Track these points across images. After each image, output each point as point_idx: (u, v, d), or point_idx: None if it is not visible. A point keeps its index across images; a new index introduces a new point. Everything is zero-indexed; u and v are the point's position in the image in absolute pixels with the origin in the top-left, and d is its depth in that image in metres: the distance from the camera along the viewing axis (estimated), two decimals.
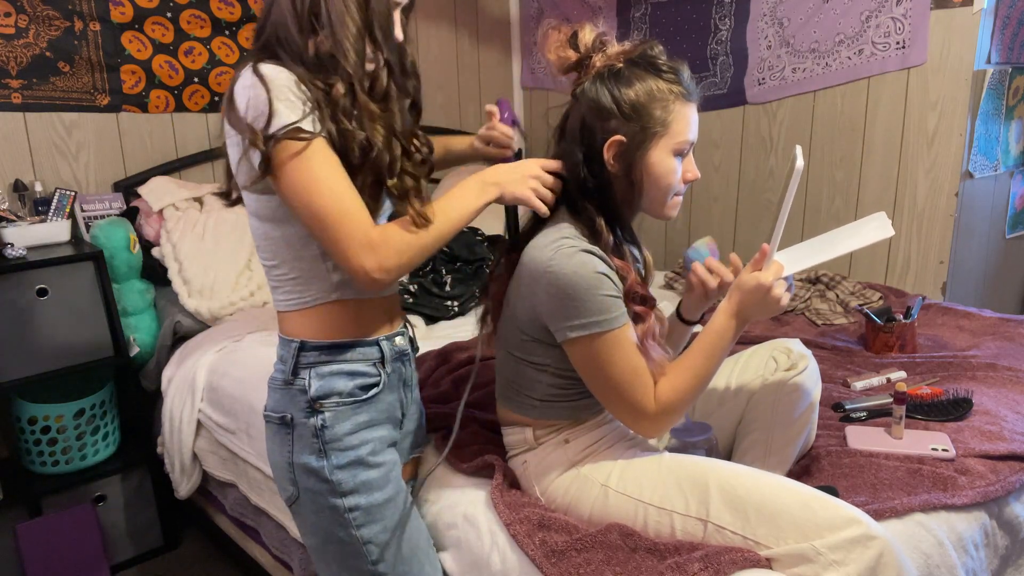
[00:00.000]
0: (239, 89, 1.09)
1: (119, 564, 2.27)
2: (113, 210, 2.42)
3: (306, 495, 1.19)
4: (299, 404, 1.18)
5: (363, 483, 1.19)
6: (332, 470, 1.17)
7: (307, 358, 1.19)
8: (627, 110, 1.19)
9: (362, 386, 1.21)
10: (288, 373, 1.19)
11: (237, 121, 1.09)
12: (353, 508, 1.18)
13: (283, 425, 1.20)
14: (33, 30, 2.28)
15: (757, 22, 2.72)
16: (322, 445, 1.17)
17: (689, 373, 1.21)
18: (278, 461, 1.22)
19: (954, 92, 2.29)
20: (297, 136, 1.06)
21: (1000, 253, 2.67)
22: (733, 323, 1.22)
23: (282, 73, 1.09)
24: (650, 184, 1.23)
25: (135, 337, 2.29)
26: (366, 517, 1.19)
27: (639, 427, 1.24)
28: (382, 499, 1.20)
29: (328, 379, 1.19)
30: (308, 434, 1.18)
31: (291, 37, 1.13)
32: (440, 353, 1.96)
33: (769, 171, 2.79)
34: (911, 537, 1.22)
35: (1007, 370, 1.81)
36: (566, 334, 1.19)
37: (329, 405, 1.18)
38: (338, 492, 1.18)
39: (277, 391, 1.21)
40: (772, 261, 1.20)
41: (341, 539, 1.19)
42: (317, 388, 1.18)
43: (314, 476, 1.18)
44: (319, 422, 1.17)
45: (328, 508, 1.18)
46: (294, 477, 1.20)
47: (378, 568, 1.21)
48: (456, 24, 3.33)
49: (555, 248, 1.18)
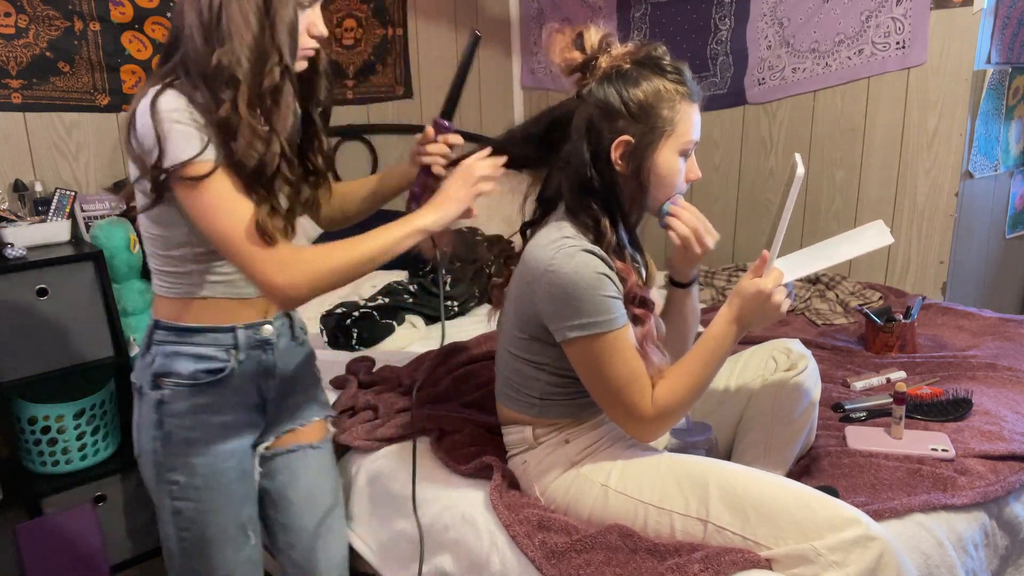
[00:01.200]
0: (138, 114, 1.11)
1: (119, 564, 2.26)
2: (113, 210, 2.42)
3: (143, 456, 1.29)
4: (147, 377, 1.26)
5: (186, 463, 1.26)
6: (164, 442, 1.25)
7: (158, 336, 1.26)
8: (635, 110, 1.20)
9: (207, 370, 1.25)
10: (143, 347, 1.28)
11: (130, 146, 1.12)
12: (173, 482, 1.27)
13: (137, 392, 1.28)
14: (33, 30, 2.28)
15: (757, 22, 2.72)
16: (160, 418, 1.25)
17: (687, 378, 1.22)
18: (135, 422, 1.30)
19: (954, 92, 2.29)
20: (189, 172, 1.09)
21: (1000, 253, 2.67)
22: (733, 329, 1.22)
23: (179, 101, 1.10)
24: (656, 183, 1.24)
25: (135, 337, 2.29)
26: (181, 492, 1.27)
27: (635, 430, 1.25)
28: (201, 483, 1.27)
29: (171, 359, 1.24)
30: (150, 405, 1.25)
31: (197, 50, 1.13)
32: (440, 353, 1.96)
33: (769, 171, 2.79)
34: (911, 537, 1.22)
35: (1007, 370, 1.81)
36: (565, 334, 1.19)
37: (168, 384, 1.24)
38: (163, 464, 1.26)
39: (139, 360, 1.30)
40: (772, 268, 1.20)
41: (159, 503, 1.30)
42: (159, 365, 1.24)
43: (149, 443, 1.27)
44: (159, 396, 1.24)
45: (155, 474, 1.28)
46: (139, 437, 1.29)
47: (183, 535, 1.30)
48: (456, 24, 3.33)
49: (556, 247, 1.18)
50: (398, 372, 1.87)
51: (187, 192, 1.11)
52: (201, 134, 1.10)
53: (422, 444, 1.55)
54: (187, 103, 1.11)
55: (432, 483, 1.43)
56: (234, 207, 1.11)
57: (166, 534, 1.32)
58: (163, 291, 1.26)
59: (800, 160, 1.19)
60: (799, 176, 1.16)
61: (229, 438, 1.29)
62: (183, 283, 1.23)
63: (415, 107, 3.26)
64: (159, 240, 1.22)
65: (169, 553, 1.33)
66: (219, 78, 1.11)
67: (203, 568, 1.32)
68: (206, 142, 1.10)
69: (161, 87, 1.11)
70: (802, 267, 1.26)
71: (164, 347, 1.24)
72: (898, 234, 2.49)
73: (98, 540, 2.14)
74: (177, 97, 1.11)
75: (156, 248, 1.23)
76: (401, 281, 2.45)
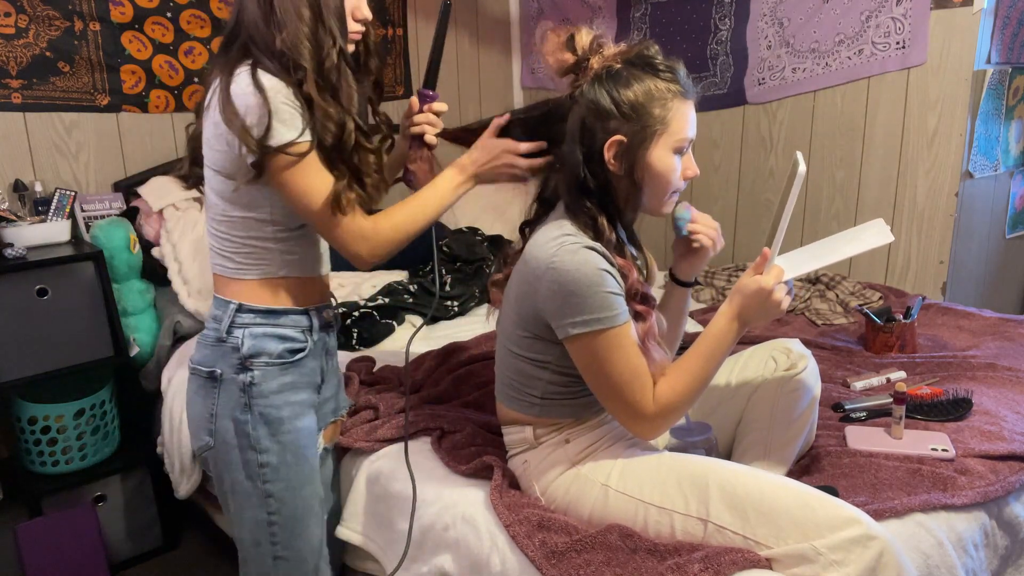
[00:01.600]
0: (237, 92, 1.17)
1: (119, 564, 2.26)
2: (113, 210, 2.42)
3: (222, 446, 1.30)
4: (230, 360, 1.28)
5: (278, 442, 1.30)
6: (255, 424, 1.28)
7: (242, 319, 1.29)
8: (627, 110, 1.20)
9: (290, 350, 1.31)
10: (222, 331, 1.28)
11: (232, 122, 1.16)
12: (264, 464, 1.30)
13: (210, 379, 1.29)
14: (33, 30, 2.28)
15: (757, 22, 2.72)
16: (248, 400, 1.28)
17: (689, 375, 1.22)
18: (199, 412, 1.32)
19: (954, 92, 2.29)
20: (293, 152, 1.17)
21: (1000, 253, 2.67)
22: (734, 326, 1.22)
23: (275, 81, 1.17)
24: (651, 182, 1.24)
25: (135, 337, 2.29)
26: (274, 474, 1.31)
27: (636, 427, 1.25)
28: (291, 460, 1.32)
29: (260, 339, 1.29)
30: (235, 389, 1.28)
31: (262, 35, 1.20)
32: (440, 353, 1.96)
33: (769, 171, 2.79)
34: (911, 537, 1.22)
35: (1007, 370, 1.81)
36: (568, 331, 1.19)
37: (259, 364, 1.28)
38: (254, 447, 1.29)
39: (207, 347, 1.31)
40: (773, 265, 1.21)
41: (247, 490, 1.31)
42: (249, 347, 1.28)
43: (234, 429, 1.29)
44: (248, 379, 1.27)
45: (242, 460, 1.30)
46: (213, 428, 1.30)
47: (272, 519, 1.33)
48: (456, 24, 3.33)
49: (558, 244, 1.19)
50: (398, 372, 1.87)
51: (286, 169, 1.18)
52: (301, 113, 1.18)
53: (423, 444, 1.55)
54: (283, 84, 1.17)
55: (432, 483, 1.43)
56: (324, 185, 1.20)
57: (253, 522, 1.33)
58: (237, 274, 1.30)
59: (801, 158, 1.20)
60: (800, 174, 1.16)
61: (306, 415, 1.35)
62: (264, 263, 1.29)
63: None
64: (241, 223, 1.27)
65: (254, 543, 1.35)
66: (285, 62, 1.19)
67: (293, 548, 1.35)
68: (307, 121, 1.19)
69: (252, 67, 1.18)
70: (803, 265, 1.26)
71: (252, 328, 1.29)
72: (898, 234, 2.49)
73: (98, 540, 2.14)
74: (272, 77, 1.17)
75: (236, 232, 1.27)
76: (401, 281, 2.45)
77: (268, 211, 1.26)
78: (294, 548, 1.35)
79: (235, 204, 1.26)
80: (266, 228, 1.28)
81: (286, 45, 1.18)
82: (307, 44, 1.19)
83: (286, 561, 1.36)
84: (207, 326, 1.33)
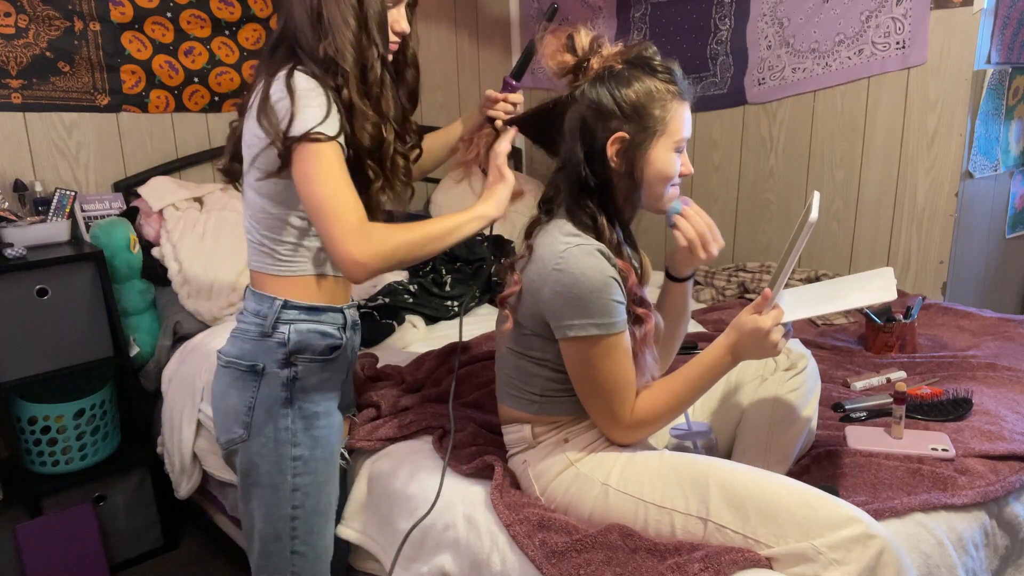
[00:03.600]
0: (275, 91, 1.23)
1: (119, 564, 2.26)
2: (113, 210, 2.42)
3: (256, 439, 1.32)
4: (275, 355, 1.31)
5: (311, 437, 1.34)
6: (295, 419, 1.32)
7: (288, 315, 1.32)
8: (628, 110, 1.21)
9: (331, 346, 1.36)
10: (267, 327, 1.31)
11: (268, 121, 1.22)
12: (297, 457, 1.33)
13: (251, 372, 1.31)
14: (33, 30, 2.28)
15: (757, 22, 2.72)
16: (290, 395, 1.31)
17: (671, 396, 1.25)
18: (234, 404, 1.33)
19: (954, 92, 2.29)
20: (313, 137, 1.19)
21: (1000, 253, 2.67)
22: (727, 359, 1.24)
23: (310, 83, 1.23)
24: (651, 180, 1.25)
25: (135, 337, 2.29)
26: (304, 467, 1.33)
27: (610, 433, 1.28)
28: (321, 455, 1.35)
29: (306, 336, 1.33)
30: (277, 383, 1.31)
31: (309, 41, 1.26)
32: (440, 353, 1.96)
33: (769, 171, 2.79)
34: (911, 537, 1.22)
35: (1007, 370, 1.81)
36: (565, 332, 1.20)
37: (303, 359, 1.32)
38: (290, 441, 1.32)
39: (249, 341, 1.33)
40: (773, 306, 1.21)
41: (275, 484, 1.33)
42: (295, 343, 1.31)
43: (272, 423, 1.31)
44: (291, 373, 1.31)
45: (274, 453, 1.32)
46: (249, 421, 1.31)
47: (295, 514, 1.35)
48: (456, 24, 3.33)
49: (565, 245, 1.20)
50: (400, 371, 1.88)
51: (302, 155, 1.20)
52: (330, 107, 1.22)
53: (423, 444, 1.55)
54: (317, 84, 1.23)
55: (433, 482, 1.43)
56: (335, 179, 1.20)
57: (276, 516, 1.35)
58: (278, 271, 1.33)
59: (817, 203, 1.19)
60: (811, 222, 1.16)
61: (336, 412, 1.41)
62: (304, 260, 1.33)
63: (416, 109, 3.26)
64: (279, 221, 1.31)
65: (274, 537, 1.36)
66: (328, 67, 1.24)
67: (310, 543, 1.38)
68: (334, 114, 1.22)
69: (290, 70, 1.23)
70: (803, 309, 1.27)
71: (297, 325, 1.32)
72: (898, 234, 2.49)
73: (98, 540, 2.14)
74: (308, 79, 1.23)
75: (275, 229, 1.31)
76: (401, 281, 2.45)
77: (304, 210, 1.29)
78: (311, 544, 1.38)
79: (273, 200, 1.30)
80: (304, 224, 1.31)
81: (331, 51, 1.23)
82: (351, 50, 1.24)
83: (303, 556, 1.38)
84: (245, 320, 1.35)
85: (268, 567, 1.40)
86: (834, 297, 1.30)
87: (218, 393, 1.37)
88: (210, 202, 2.49)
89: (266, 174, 1.26)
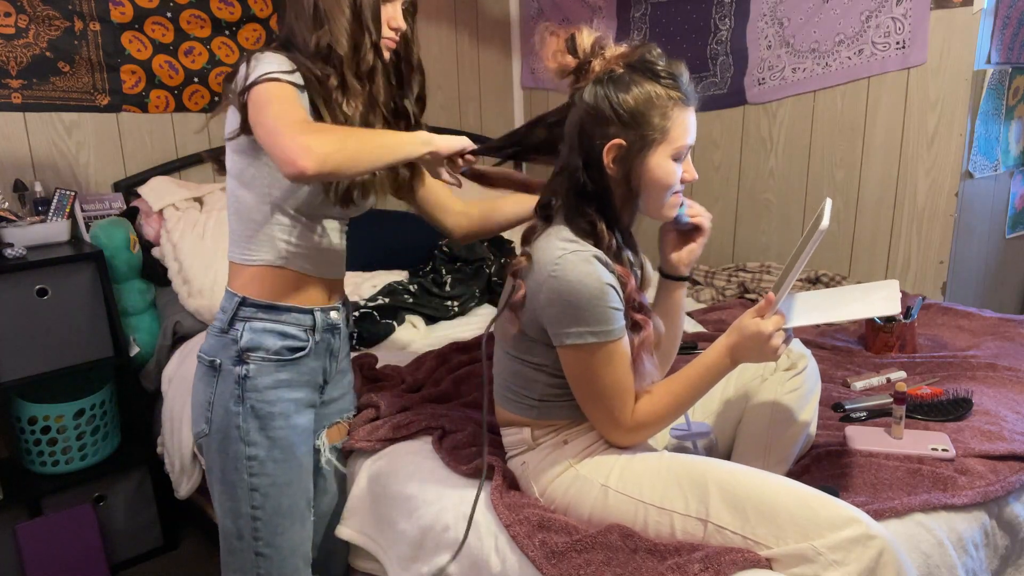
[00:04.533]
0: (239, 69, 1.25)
1: (119, 564, 2.26)
2: (113, 210, 2.42)
3: (216, 434, 1.33)
4: (229, 352, 1.32)
5: (267, 437, 1.33)
6: (245, 417, 1.31)
7: (245, 312, 1.33)
8: (626, 118, 1.19)
9: (290, 348, 1.35)
10: (225, 323, 1.33)
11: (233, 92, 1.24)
12: (252, 457, 1.32)
13: (211, 368, 1.33)
14: (33, 30, 2.28)
15: (757, 22, 2.72)
16: (241, 393, 1.31)
17: (671, 398, 1.25)
18: (200, 399, 1.36)
19: (954, 92, 2.29)
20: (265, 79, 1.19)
21: (1000, 253, 2.67)
22: (727, 362, 1.24)
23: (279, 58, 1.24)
24: (649, 187, 1.24)
25: (135, 337, 2.29)
26: (260, 468, 1.33)
27: (610, 435, 1.28)
28: (279, 456, 1.34)
29: (260, 334, 1.32)
30: (231, 380, 1.31)
31: (302, 33, 1.29)
32: (440, 353, 1.96)
33: (769, 171, 2.79)
34: (911, 537, 1.22)
35: (1007, 370, 1.81)
36: (563, 340, 1.20)
37: (255, 358, 1.32)
38: (243, 439, 1.32)
39: (212, 337, 1.35)
40: (776, 311, 1.21)
41: (233, 481, 1.34)
42: (247, 341, 1.31)
43: (227, 419, 1.32)
44: (243, 371, 1.31)
45: (231, 451, 1.32)
46: (210, 416, 1.33)
47: (255, 514, 1.35)
48: (456, 24, 3.33)
49: (562, 251, 1.19)
50: (400, 371, 1.87)
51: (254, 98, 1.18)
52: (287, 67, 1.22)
53: (423, 444, 1.55)
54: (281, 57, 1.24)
55: (432, 483, 1.43)
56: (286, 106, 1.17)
57: (236, 514, 1.36)
58: (242, 259, 1.34)
59: (828, 211, 1.18)
60: (822, 229, 1.15)
61: (301, 413, 1.38)
62: (264, 250, 1.33)
63: None
64: (244, 203, 1.32)
65: (237, 535, 1.37)
66: (320, 56, 1.27)
67: (274, 545, 1.37)
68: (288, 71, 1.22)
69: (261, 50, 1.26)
70: (805, 316, 1.26)
71: (252, 323, 1.32)
72: (898, 234, 2.49)
73: (98, 540, 2.14)
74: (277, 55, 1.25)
75: (241, 214, 1.33)
76: (401, 281, 2.45)
77: (267, 190, 1.30)
78: (275, 546, 1.37)
79: (239, 182, 1.32)
80: (264, 209, 1.32)
81: (325, 40, 1.26)
82: (346, 36, 1.27)
83: (266, 558, 1.38)
84: (216, 317, 1.37)
85: (233, 564, 1.41)
86: (837, 306, 1.30)
87: (193, 387, 1.40)
88: (210, 202, 2.49)
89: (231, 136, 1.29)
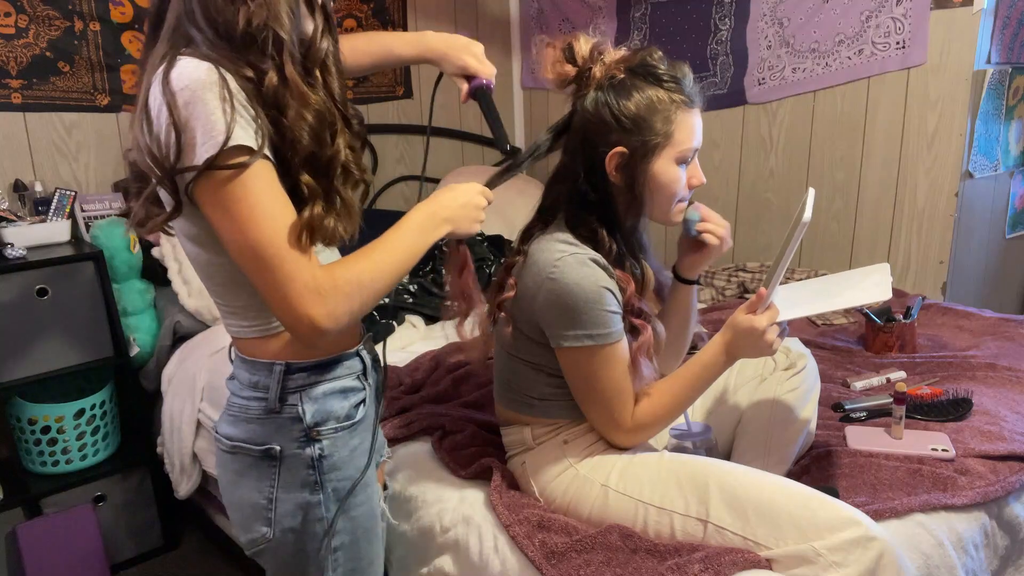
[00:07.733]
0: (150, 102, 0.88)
1: (119, 564, 2.26)
2: (113, 210, 2.42)
3: (285, 536, 1.05)
4: (291, 434, 1.03)
5: (351, 519, 1.08)
6: (327, 505, 1.05)
7: (295, 381, 1.03)
8: (628, 124, 1.19)
9: (355, 404, 1.08)
10: (273, 400, 1.02)
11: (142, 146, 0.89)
12: (337, 548, 1.07)
13: (266, 458, 1.03)
14: (33, 30, 2.28)
15: (757, 22, 2.72)
16: (318, 477, 1.04)
17: (670, 397, 1.25)
18: (250, 499, 1.05)
19: (954, 92, 2.29)
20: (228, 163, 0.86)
21: (1000, 253, 2.67)
22: (723, 359, 1.24)
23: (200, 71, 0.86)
24: (654, 193, 1.23)
25: (135, 337, 2.29)
26: (346, 555, 1.08)
27: (610, 437, 1.28)
28: (361, 535, 1.10)
29: (322, 401, 1.04)
30: (301, 467, 1.03)
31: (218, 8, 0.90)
32: (439, 354, 1.96)
33: (769, 171, 2.79)
34: (911, 537, 1.22)
35: (1007, 370, 1.81)
36: (560, 342, 1.20)
37: (327, 432, 1.04)
38: (327, 531, 1.06)
39: (255, 421, 1.03)
40: (768, 306, 1.21)
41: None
42: (314, 415, 1.03)
43: (301, 515, 1.04)
44: (317, 452, 1.03)
45: (310, 549, 1.06)
46: (272, 517, 1.05)
47: None
48: (456, 24, 3.33)
49: (560, 254, 1.18)
50: (399, 372, 1.87)
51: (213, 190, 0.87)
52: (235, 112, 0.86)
53: (423, 445, 1.55)
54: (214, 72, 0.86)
55: (432, 484, 1.43)
56: (277, 216, 0.89)
57: None
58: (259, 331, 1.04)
59: (811, 202, 1.18)
60: (805, 221, 1.15)
61: (372, 477, 1.12)
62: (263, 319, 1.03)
63: (415, 107, 3.26)
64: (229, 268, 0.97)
65: None
66: (253, 41, 0.90)
67: None
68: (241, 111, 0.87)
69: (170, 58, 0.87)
70: (798, 307, 1.27)
71: (309, 391, 1.03)
72: (898, 234, 2.49)
73: (98, 540, 2.14)
74: (197, 66, 0.86)
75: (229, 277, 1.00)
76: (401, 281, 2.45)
77: None
78: None
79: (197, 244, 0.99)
80: None
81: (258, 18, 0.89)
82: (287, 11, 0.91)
83: None
84: (242, 396, 1.05)
85: None
86: (830, 294, 1.30)
87: (227, 485, 1.08)
88: None
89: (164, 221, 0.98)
